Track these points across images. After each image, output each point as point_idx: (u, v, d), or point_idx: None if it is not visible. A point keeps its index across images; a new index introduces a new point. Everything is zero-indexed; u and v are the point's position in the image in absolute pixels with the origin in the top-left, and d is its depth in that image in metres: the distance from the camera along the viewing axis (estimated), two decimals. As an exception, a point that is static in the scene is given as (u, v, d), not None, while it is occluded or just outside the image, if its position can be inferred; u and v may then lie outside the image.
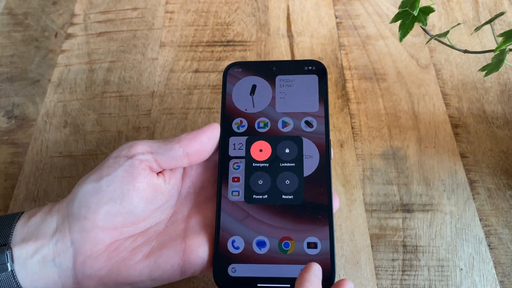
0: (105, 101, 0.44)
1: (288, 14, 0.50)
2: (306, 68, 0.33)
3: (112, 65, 0.47)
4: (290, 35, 0.48)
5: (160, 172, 0.30)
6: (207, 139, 0.30)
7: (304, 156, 0.30)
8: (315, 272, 0.26)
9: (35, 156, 0.41)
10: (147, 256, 0.28)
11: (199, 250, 0.28)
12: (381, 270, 0.34)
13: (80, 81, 0.46)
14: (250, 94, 0.32)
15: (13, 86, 0.46)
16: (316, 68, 0.33)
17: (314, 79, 0.32)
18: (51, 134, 0.42)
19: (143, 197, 0.28)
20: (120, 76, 0.46)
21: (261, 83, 0.33)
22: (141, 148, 0.29)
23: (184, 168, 0.32)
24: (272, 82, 0.33)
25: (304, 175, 0.30)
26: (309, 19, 0.49)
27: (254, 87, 0.32)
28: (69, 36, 0.49)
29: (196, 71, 0.46)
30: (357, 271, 0.34)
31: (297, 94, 0.32)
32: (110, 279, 0.28)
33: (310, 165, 0.30)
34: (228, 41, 0.48)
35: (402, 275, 0.34)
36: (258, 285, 0.27)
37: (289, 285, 0.27)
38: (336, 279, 0.27)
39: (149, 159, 0.29)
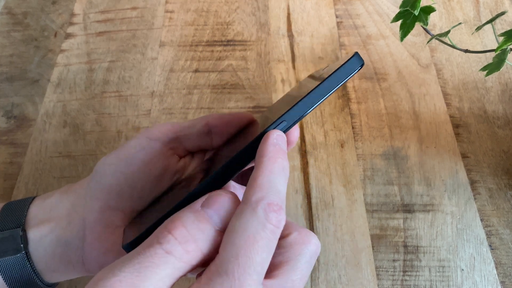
0: (104, 101, 0.44)
1: (289, 14, 0.50)
2: None
3: (111, 65, 0.47)
4: (290, 35, 0.48)
5: (183, 156, 0.29)
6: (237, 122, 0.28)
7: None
8: (273, 141, 0.22)
9: (34, 156, 0.41)
10: None
11: None
12: (382, 270, 0.34)
13: (80, 81, 0.46)
14: None
15: (12, 86, 0.46)
16: None
17: None
18: (50, 134, 0.42)
19: (159, 185, 0.27)
20: (120, 76, 0.46)
21: None
22: (164, 129, 0.28)
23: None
24: None
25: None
26: (310, 18, 0.49)
27: None
28: (68, 35, 0.49)
29: (196, 70, 0.46)
30: (358, 271, 0.34)
31: None
32: None
33: None
34: (228, 41, 0.48)
35: (403, 275, 0.34)
36: None
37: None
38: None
39: (171, 142, 0.28)
